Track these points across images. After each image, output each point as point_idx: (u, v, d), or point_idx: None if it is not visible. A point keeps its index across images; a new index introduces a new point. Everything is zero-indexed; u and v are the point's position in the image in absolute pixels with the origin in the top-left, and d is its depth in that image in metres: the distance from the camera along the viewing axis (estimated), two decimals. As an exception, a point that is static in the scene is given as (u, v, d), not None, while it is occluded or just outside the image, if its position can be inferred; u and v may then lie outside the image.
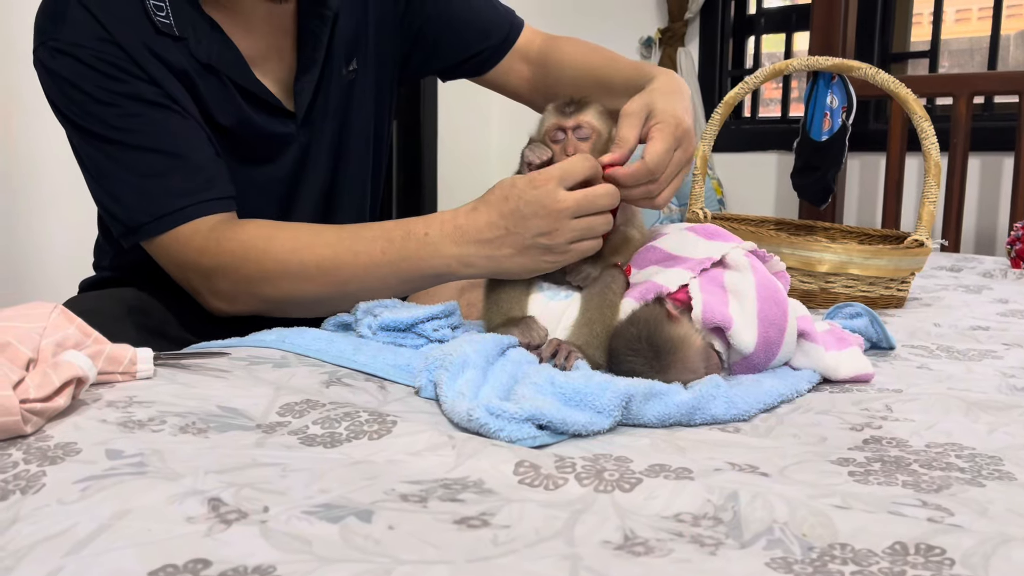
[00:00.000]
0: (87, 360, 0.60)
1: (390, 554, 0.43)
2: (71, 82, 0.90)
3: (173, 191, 0.91)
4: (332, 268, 0.87)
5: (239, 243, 0.90)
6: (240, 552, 0.42)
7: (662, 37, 3.27)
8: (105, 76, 0.90)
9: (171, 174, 0.91)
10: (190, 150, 0.93)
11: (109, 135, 0.91)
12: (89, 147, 0.93)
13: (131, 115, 0.91)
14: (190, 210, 0.91)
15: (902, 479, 0.56)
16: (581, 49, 1.14)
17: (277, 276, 0.89)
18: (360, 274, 0.87)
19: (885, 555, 0.44)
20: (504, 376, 0.69)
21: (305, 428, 0.62)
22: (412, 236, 0.85)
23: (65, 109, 0.92)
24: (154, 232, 0.92)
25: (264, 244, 0.89)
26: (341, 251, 0.87)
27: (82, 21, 0.90)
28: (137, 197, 0.92)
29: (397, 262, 0.86)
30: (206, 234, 0.91)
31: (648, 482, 0.54)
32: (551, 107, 0.85)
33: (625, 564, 0.43)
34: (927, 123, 1.38)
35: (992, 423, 0.70)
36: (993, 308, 1.34)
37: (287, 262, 0.88)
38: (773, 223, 1.66)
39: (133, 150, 0.91)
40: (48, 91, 0.93)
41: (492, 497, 0.51)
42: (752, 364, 0.82)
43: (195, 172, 0.92)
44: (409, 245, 0.85)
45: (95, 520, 0.45)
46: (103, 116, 0.90)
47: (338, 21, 1.04)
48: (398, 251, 0.86)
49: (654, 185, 0.83)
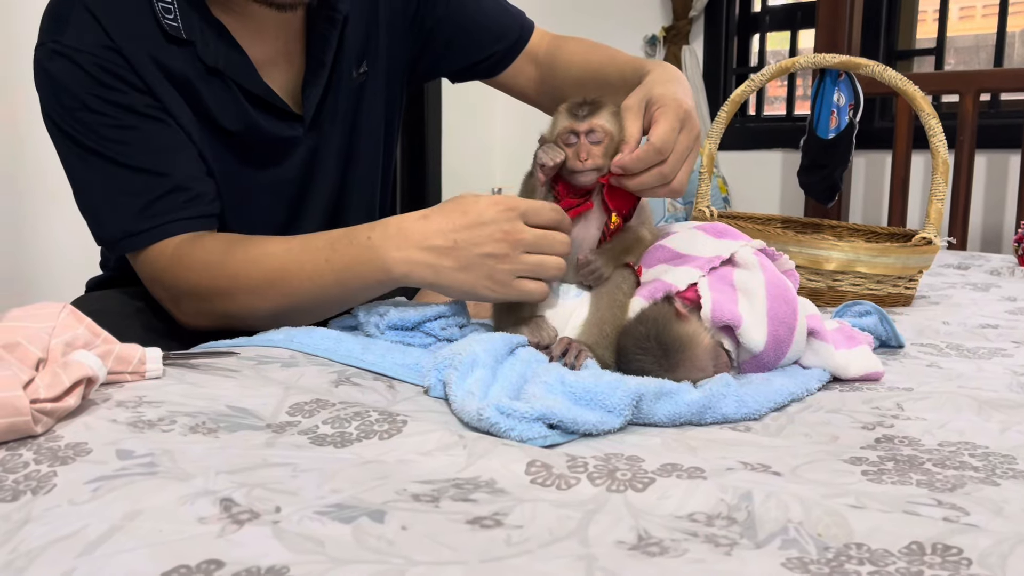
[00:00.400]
0: (97, 360, 0.60)
1: (404, 555, 0.42)
2: (65, 86, 0.90)
3: (147, 211, 0.91)
4: (280, 280, 0.86)
5: (196, 260, 0.90)
6: (253, 553, 0.42)
7: (666, 35, 3.26)
8: (100, 84, 0.90)
9: (148, 192, 0.91)
10: (175, 168, 0.93)
11: (94, 146, 0.91)
12: (72, 155, 0.93)
13: (121, 127, 0.90)
14: (157, 231, 0.91)
15: (916, 478, 0.56)
16: (583, 48, 1.14)
17: (232, 291, 0.88)
18: (306, 286, 0.86)
19: (902, 555, 0.44)
20: (514, 375, 0.69)
21: (315, 428, 0.61)
22: (355, 242, 0.84)
23: (53, 113, 0.91)
24: (126, 248, 0.93)
25: (219, 259, 0.89)
26: (289, 262, 0.86)
27: (86, 26, 0.90)
28: (111, 213, 0.92)
29: (339, 271, 0.84)
30: (170, 254, 0.91)
31: (661, 482, 0.53)
32: (563, 108, 0.85)
33: (640, 564, 0.42)
34: (935, 120, 1.37)
35: (1005, 421, 0.69)
36: (1001, 306, 1.34)
37: (237, 276, 0.88)
38: (780, 221, 1.65)
39: (115, 165, 0.91)
40: (41, 92, 0.92)
41: (504, 497, 0.51)
42: (762, 363, 0.82)
43: (175, 191, 0.92)
44: (351, 252, 0.84)
45: (106, 521, 0.45)
46: (92, 125, 0.90)
47: (348, 24, 1.04)
48: (340, 259, 0.84)
49: (666, 167, 0.82)
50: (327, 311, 0.91)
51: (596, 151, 0.82)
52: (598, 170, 0.82)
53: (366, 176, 1.13)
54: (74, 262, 1.97)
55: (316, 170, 1.07)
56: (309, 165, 1.06)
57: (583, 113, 0.83)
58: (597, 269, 0.83)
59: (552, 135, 0.84)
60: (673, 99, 0.84)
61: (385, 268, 0.82)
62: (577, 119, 0.83)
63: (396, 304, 0.88)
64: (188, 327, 0.95)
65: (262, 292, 0.87)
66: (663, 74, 0.91)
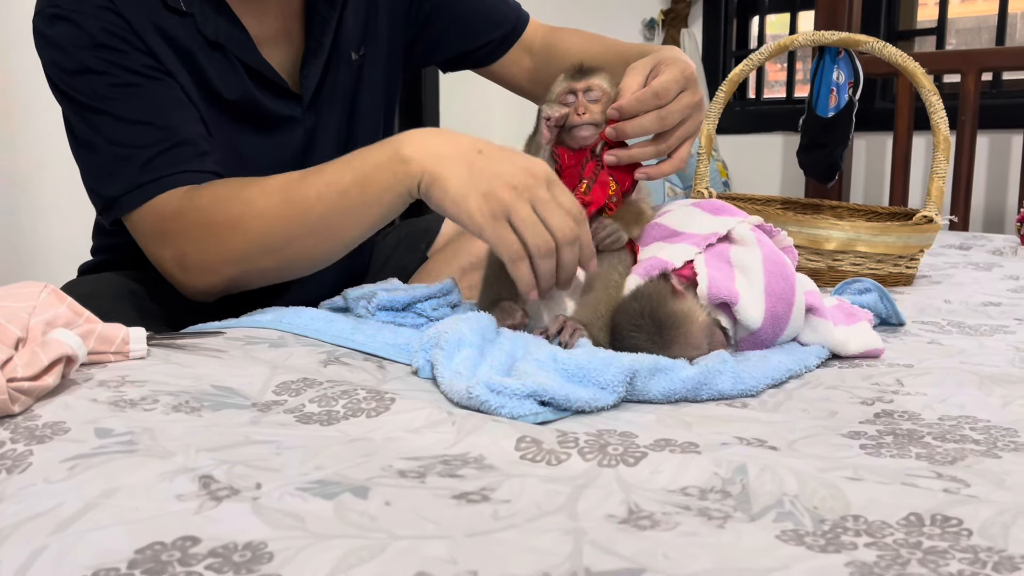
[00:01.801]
0: (76, 338, 0.58)
1: (386, 529, 0.41)
2: (66, 50, 0.88)
3: (152, 163, 0.88)
4: (296, 192, 0.82)
5: (208, 196, 0.86)
6: (231, 529, 0.41)
7: (665, 18, 3.23)
8: (102, 45, 0.88)
9: (154, 146, 0.88)
10: (181, 123, 0.90)
11: (98, 105, 0.89)
12: (76, 117, 0.91)
13: (123, 85, 0.89)
14: (166, 180, 0.88)
15: (915, 451, 0.54)
16: (580, 39, 1.13)
17: (243, 218, 0.84)
18: (324, 192, 0.81)
19: (900, 526, 0.42)
20: (502, 355, 0.68)
21: (302, 406, 0.60)
22: (376, 147, 0.81)
23: (57, 79, 0.90)
24: (130, 204, 0.89)
25: (232, 193, 0.86)
26: (307, 173, 0.83)
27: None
28: (116, 169, 0.89)
29: (359, 167, 0.81)
30: (179, 200, 0.88)
31: (653, 456, 0.52)
32: (561, 75, 0.85)
33: (630, 538, 0.41)
34: (936, 97, 1.35)
35: (1006, 396, 0.68)
36: (1004, 285, 1.32)
37: (253, 201, 0.84)
38: (780, 202, 1.63)
39: (119, 121, 0.89)
40: (44, 59, 0.91)
41: (492, 473, 0.49)
42: (760, 340, 0.80)
43: (180, 145, 0.89)
44: (373, 148, 0.81)
45: (82, 499, 0.43)
46: (94, 85, 0.88)
47: (348, 6, 1.03)
48: (361, 155, 0.81)
49: (664, 112, 0.81)
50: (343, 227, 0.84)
51: (594, 108, 0.82)
52: (595, 125, 0.82)
53: None
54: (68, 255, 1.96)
55: (313, 151, 1.05)
56: (306, 145, 1.04)
57: (581, 75, 0.84)
58: (615, 231, 0.81)
59: (552, 97, 0.84)
60: (678, 60, 0.84)
61: (397, 150, 0.79)
62: (575, 79, 0.84)
63: (386, 286, 0.87)
64: (192, 293, 0.91)
65: (276, 210, 0.83)
66: (672, 51, 0.90)
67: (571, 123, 0.82)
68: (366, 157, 0.81)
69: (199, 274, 0.89)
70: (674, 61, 0.85)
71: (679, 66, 0.84)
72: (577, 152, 0.83)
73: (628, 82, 0.84)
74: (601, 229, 0.81)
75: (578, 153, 0.83)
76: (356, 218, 0.82)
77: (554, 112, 0.81)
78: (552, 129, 0.81)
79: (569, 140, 0.83)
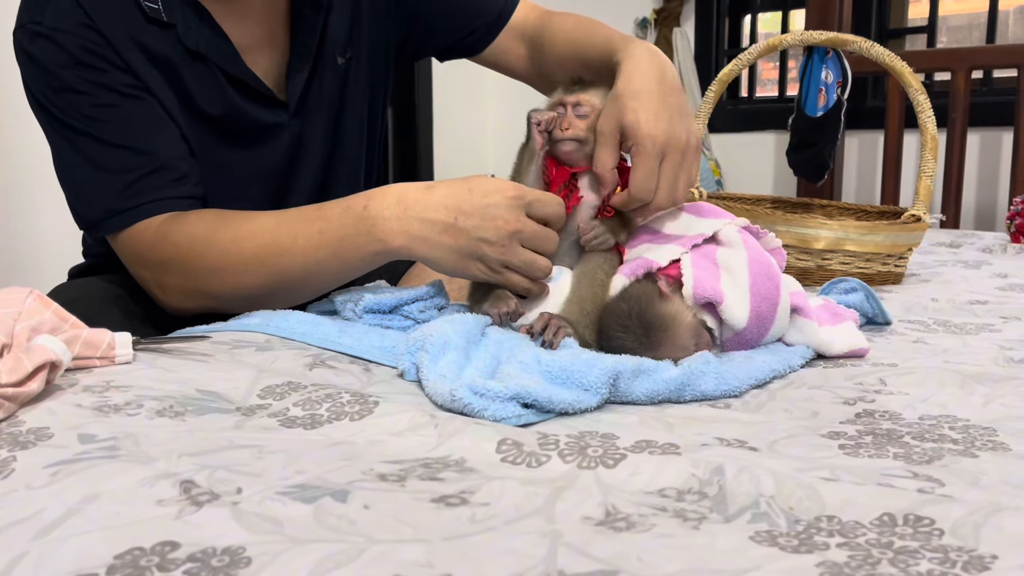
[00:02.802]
0: (60, 344, 0.59)
1: (364, 533, 0.42)
2: (47, 68, 0.88)
3: (132, 188, 0.89)
4: (271, 256, 0.84)
5: (184, 235, 0.88)
6: (209, 534, 0.41)
7: (657, 17, 3.24)
8: (81, 64, 0.88)
9: (133, 171, 0.89)
10: (160, 146, 0.91)
11: (78, 126, 0.89)
12: (57, 136, 0.91)
13: (104, 105, 0.89)
14: (143, 209, 0.89)
15: (893, 451, 0.55)
16: (569, 24, 1.12)
17: (220, 268, 0.86)
18: (299, 260, 0.83)
19: (873, 526, 0.43)
20: (488, 357, 0.68)
21: (286, 410, 0.61)
22: (350, 211, 0.81)
23: (39, 95, 0.90)
24: (110, 228, 0.91)
25: (207, 235, 0.87)
26: (280, 236, 0.84)
27: (65, 5, 0.89)
28: (96, 193, 0.90)
29: (335, 242, 0.81)
30: (155, 229, 0.89)
31: (633, 458, 0.53)
32: (561, 84, 0.87)
33: (606, 540, 0.42)
34: (923, 96, 1.36)
35: (988, 395, 0.69)
36: (992, 283, 1.33)
37: (228, 252, 0.85)
38: (770, 201, 1.64)
39: (100, 144, 0.89)
40: (24, 75, 0.91)
41: (472, 475, 0.50)
42: (745, 340, 0.81)
43: (160, 170, 0.90)
44: (347, 222, 0.81)
45: (63, 504, 0.44)
46: (75, 104, 0.89)
47: (332, 10, 1.03)
48: (336, 230, 0.82)
49: (659, 197, 0.82)
50: (320, 286, 0.87)
51: (579, 123, 0.83)
52: (578, 141, 0.82)
53: (351, 162, 1.12)
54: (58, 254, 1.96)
55: (300, 157, 1.05)
56: (293, 152, 1.05)
57: (575, 88, 0.85)
58: (602, 234, 0.82)
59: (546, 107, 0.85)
60: (646, 135, 0.80)
61: (382, 240, 0.80)
62: (567, 92, 0.85)
63: (373, 289, 0.87)
64: (172, 311, 0.93)
65: (252, 268, 0.85)
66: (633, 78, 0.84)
67: (555, 136, 0.82)
68: (344, 234, 0.82)
69: (178, 298, 0.91)
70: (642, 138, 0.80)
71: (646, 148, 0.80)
72: (561, 168, 0.84)
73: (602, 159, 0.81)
74: (589, 231, 0.81)
75: (562, 170, 0.83)
76: (334, 279, 0.87)
77: (543, 116, 0.81)
78: (543, 134, 0.82)
79: (553, 149, 0.84)
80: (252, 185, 1.03)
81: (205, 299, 0.89)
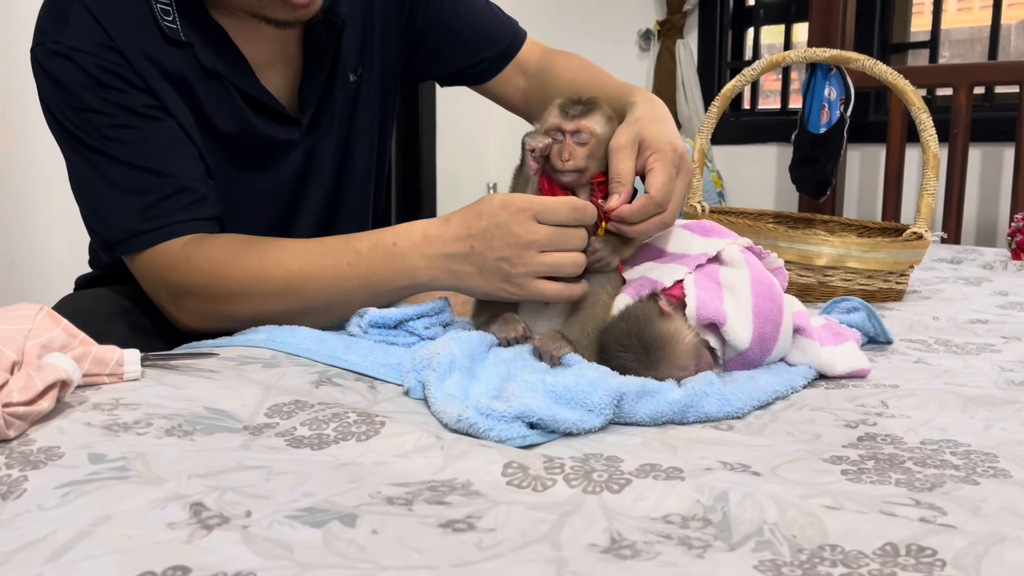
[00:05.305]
0: (71, 362, 0.59)
1: (373, 560, 0.42)
2: (66, 87, 0.89)
3: (153, 210, 0.90)
4: (299, 284, 0.85)
5: (207, 260, 0.88)
6: (220, 558, 0.42)
7: (660, 29, 3.25)
8: (101, 84, 0.89)
9: (154, 192, 0.90)
10: (178, 168, 0.92)
11: (98, 145, 0.90)
12: (76, 155, 0.91)
13: (123, 126, 0.90)
14: (167, 230, 0.90)
15: (895, 477, 0.55)
16: (574, 65, 1.14)
17: (245, 294, 0.87)
18: (327, 289, 0.85)
19: (875, 556, 0.43)
20: (494, 377, 0.69)
21: (293, 429, 0.61)
22: (380, 247, 0.84)
23: (57, 113, 0.90)
24: (131, 248, 0.91)
25: (231, 260, 0.88)
26: (308, 265, 0.85)
27: (84, 25, 0.89)
28: (116, 213, 0.91)
29: (365, 275, 0.84)
30: (177, 252, 0.90)
31: (637, 483, 0.53)
32: (557, 103, 0.84)
33: (611, 568, 0.42)
34: (925, 114, 1.37)
35: (988, 419, 0.69)
36: (992, 300, 1.33)
37: (254, 279, 0.87)
38: (771, 216, 1.65)
39: (119, 164, 0.90)
40: (42, 93, 0.92)
41: (479, 499, 0.50)
42: (747, 360, 0.81)
43: (180, 192, 0.91)
44: (376, 256, 0.83)
45: (75, 527, 0.44)
46: (95, 124, 0.89)
47: (345, 28, 1.04)
48: (366, 263, 0.84)
49: (667, 215, 0.82)
50: (343, 314, 0.88)
51: (579, 152, 0.81)
52: (579, 171, 0.82)
53: (360, 179, 1.13)
54: (64, 261, 1.97)
55: (311, 173, 1.06)
56: (304, 168, 1.06)
57: (574, 112, 0.83)
58: (604, 257, 0.82)
59: (541, 129, 0.84)
60: (668, 144, 0.83)
61: (412, 275, 0.83)
62: (566, 117, 0.83)
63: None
64: (186, 329, 0.94)
65: (280, 295, 0.86)
66: (650, 110, 0.89)
67: (554, 165, 0.82)
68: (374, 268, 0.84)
69: (196, 319, 0.92)
70: (664, 146, 0.83)
71: (668, 155, 0.83)
72: (556, 189, 0.83)
73: (620, 169, 0.82)
74: (591, 253, 0.81)
75: (557, 190, 0.83)
76: (359, 307, 0.87)
77: (537, 144, 0.81)
78: (538, 159, 0.82)
79: (551, 175, 0.83)
80: (263, 201, 1.04)
81: (226, 322, 0.90)
